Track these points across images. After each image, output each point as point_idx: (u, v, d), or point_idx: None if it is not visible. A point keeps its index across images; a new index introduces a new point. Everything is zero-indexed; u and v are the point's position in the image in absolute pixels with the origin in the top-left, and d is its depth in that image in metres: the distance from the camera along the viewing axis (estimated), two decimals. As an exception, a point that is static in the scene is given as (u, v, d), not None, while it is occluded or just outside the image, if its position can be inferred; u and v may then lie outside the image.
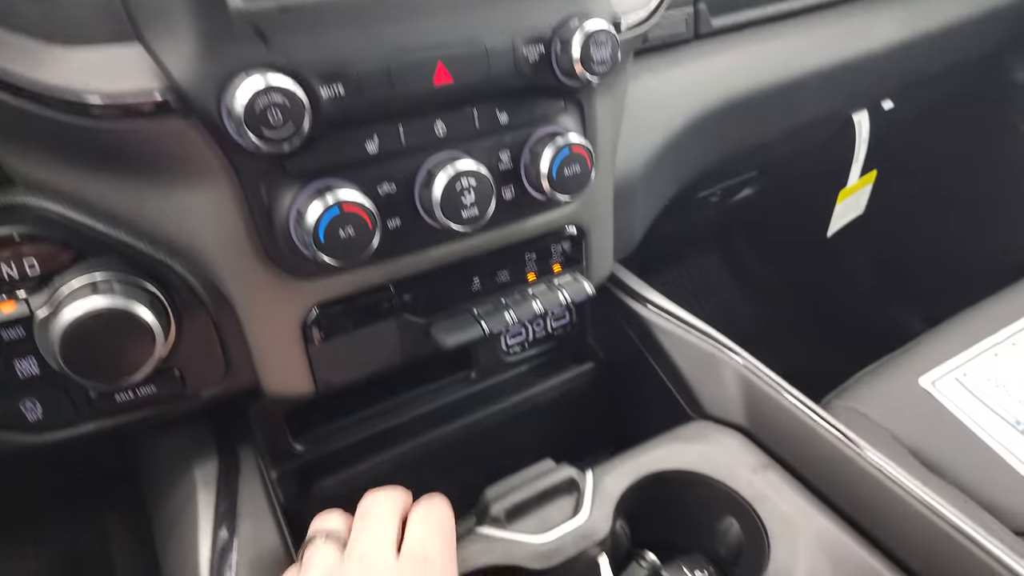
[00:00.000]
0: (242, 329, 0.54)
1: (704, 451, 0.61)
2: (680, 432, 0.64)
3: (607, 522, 0.54)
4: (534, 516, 0.55)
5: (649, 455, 0.60)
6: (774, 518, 0.55)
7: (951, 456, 0.76)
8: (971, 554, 0.52)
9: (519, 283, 0.64)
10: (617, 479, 0.58)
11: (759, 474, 0.59)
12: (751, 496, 0.57)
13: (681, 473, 0.59)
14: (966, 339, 0.89)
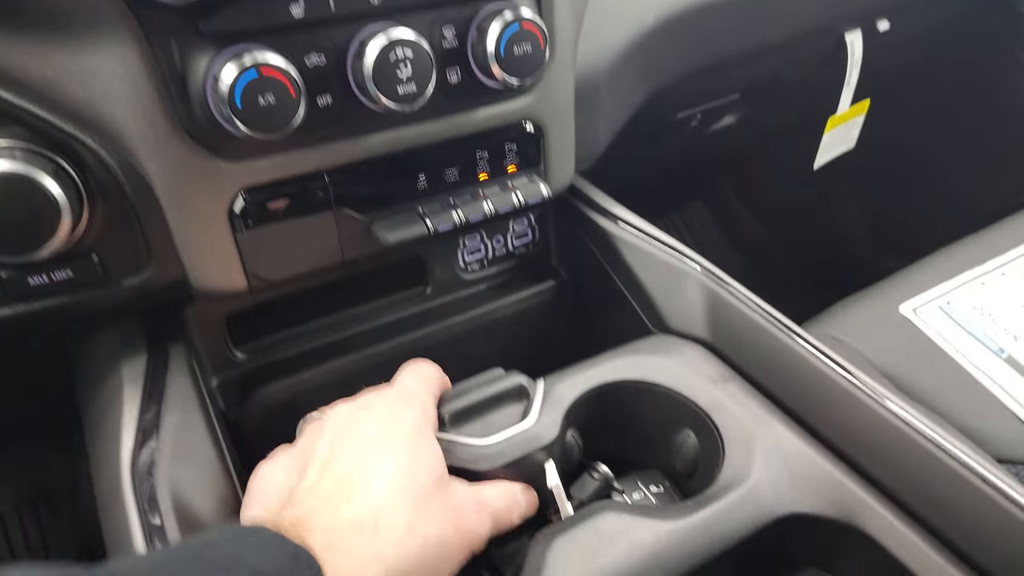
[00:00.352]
0: (164, 214, 0.50)
1: (662, 363, 0.58)
2: (638, 345, 0.61)
3: (555, 428, 0.51)
4: (480, 421, 0.53)
5: (604, 366, 0.57)
6: (731, 426, 0.52)
7: (929, 382, 0.73)
8: (949, 469, 0.49)
9: (470, 183, 0.60)
10: (569, 388, 0.55)
11: (719, 385, 0.56)
12: (709, 407, 0.54)
13: (636, 383, 0.56)
14: (953, 269, 0.85)
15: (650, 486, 0.56)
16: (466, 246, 0.73)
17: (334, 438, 0.42)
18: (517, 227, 0.75)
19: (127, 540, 0.45)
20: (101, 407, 0.55)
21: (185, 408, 0.54)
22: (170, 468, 0.49)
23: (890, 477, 0.51)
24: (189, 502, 0.49)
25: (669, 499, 0.55)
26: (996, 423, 0.70)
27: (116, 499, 0.48)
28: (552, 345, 0.78)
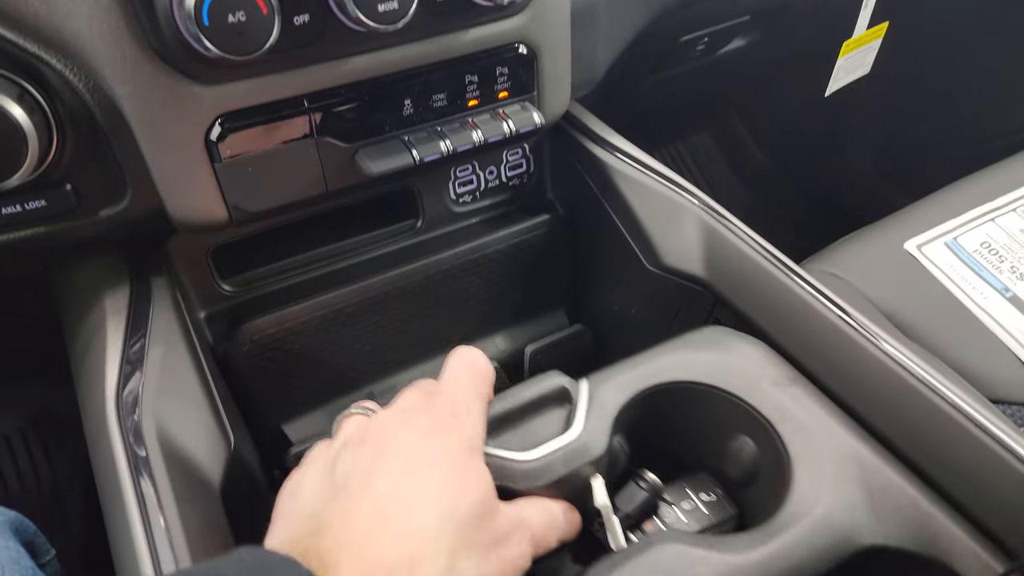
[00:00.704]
0: (137, 142, 0.48)
1: (718, 360, 0.51)
2: (690, 338, 0.54)
3: (603, 439, 0.46)
4: (519, 430, 0.47)
5: (654, 363, 0.51)
6: (799, 440, 0.46)
7: (929, 321, 0.72)
8: (939, 410, 0.48)
9: (458, 110, 0.58)
10: (617, 390, 0.49)
11: (783, 389, 0.50)
12: (773, 414, 0.48)
13: (691, 385, 0.50)
14: (962, 205, 0.82)
15: (700, 494, 0.51)
16: (457, 177, 0.70)
17: (375, 453, 0.36)
18: (511, 157, 0.72)
19: (113, 473, 0.45)
20: (85, 339, 0.55)
21: (169, 341, 0.54)
22: (155, 402, 0.49)
23: (880, 417, 0.50)
24: (175, 436, 0.49)
25: (721, 508, 0.50)
26: (994, 363, 0.69)
27: (102, 432, 0.48)
28: (546, 281, 0.77)
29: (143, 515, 0.43)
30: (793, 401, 0.48)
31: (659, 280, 0.65)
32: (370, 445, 0.37)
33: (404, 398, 0.41)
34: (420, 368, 0.73)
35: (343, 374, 0.69)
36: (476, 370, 0.42)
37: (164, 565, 0.41)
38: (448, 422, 0.38)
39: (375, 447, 0.37)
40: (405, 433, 0.37)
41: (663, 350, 0.52)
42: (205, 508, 0.47)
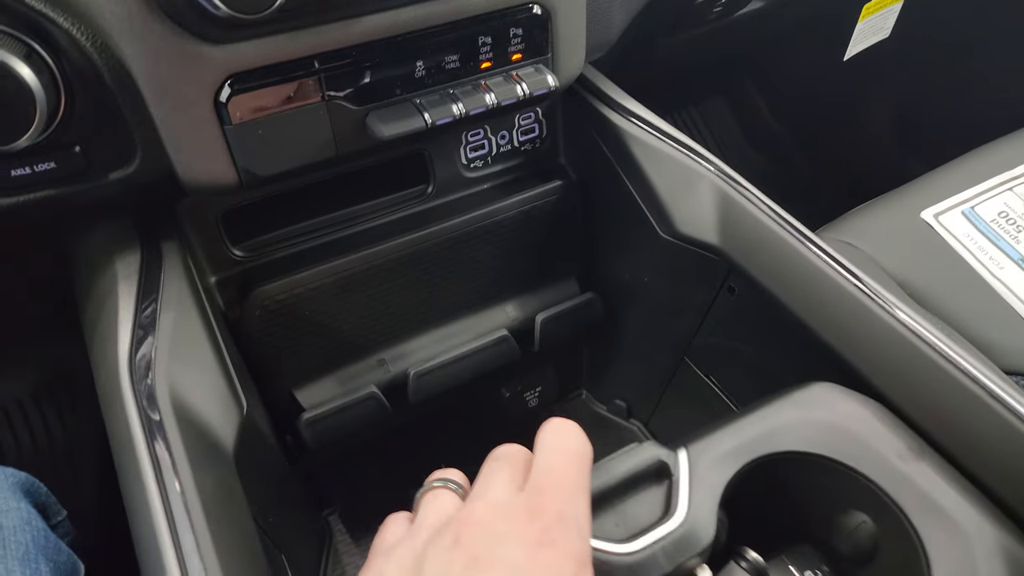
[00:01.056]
0: (146, 103, 0.48)
1: (833, 425, 0.46)
2: (798, 398, 0.48)
3: (711, 525, 0.41)
4: (613, 513, 0.42)
5: (761, 427, 0.46)
6: (936, 528, 0.41)
7: (944, 290, 0.71)
8: (953, 379, 0.48)
9: (471, 73, 0.57)
10: (722, 463, 0.43)
11: (910, 464, 0.44)
12: (901, 496, 0.43)
13: (804, 456, 0.45)
14: (981, 173, 0.81)
15: (806, 572, 0.46)
16: (469, 142, 0.69)
17: (469, 564, 0.30)
18: (523, 122, 0.71)
19: (128, 438, 0.46)
20: (97, 304, 0.55)
21: (181, 306, 0.53)
22: (168, 367, 0.49)
23: (893, 385, 0.50)
24: (188, 401, 0.49)
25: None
26: (1009, 334, 0.68)
27: (116, 397, 0.48)
28: (557, 249, 0.76)
29: (158, 479, 0.43)
30: (923, 479, 0.43)
31: (673, 248, 0.64)
32: (464, 552, 0.31)
33: (495, 484, 0.34)
34: (431, 335, 0.73)
35: (354, 340, 0.69)
36: (580, 458, 0.35)
37: (180, 528, 0.41)
38: (554, 531, 0.31)
39: (470, 556, 0.30)
40: (506, 543, 0.31)
41: (769, 411, 0.47)
42: (219, 473, 0.47)
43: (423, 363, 0.70)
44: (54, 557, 0.46)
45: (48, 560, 0.45)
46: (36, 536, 0.45)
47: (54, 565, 0.46)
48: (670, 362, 0.75)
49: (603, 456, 0.85)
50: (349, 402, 0.67)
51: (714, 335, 0.68)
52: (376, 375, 0.70)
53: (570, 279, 0.79)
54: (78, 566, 0.50)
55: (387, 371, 0.71)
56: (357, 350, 0.70)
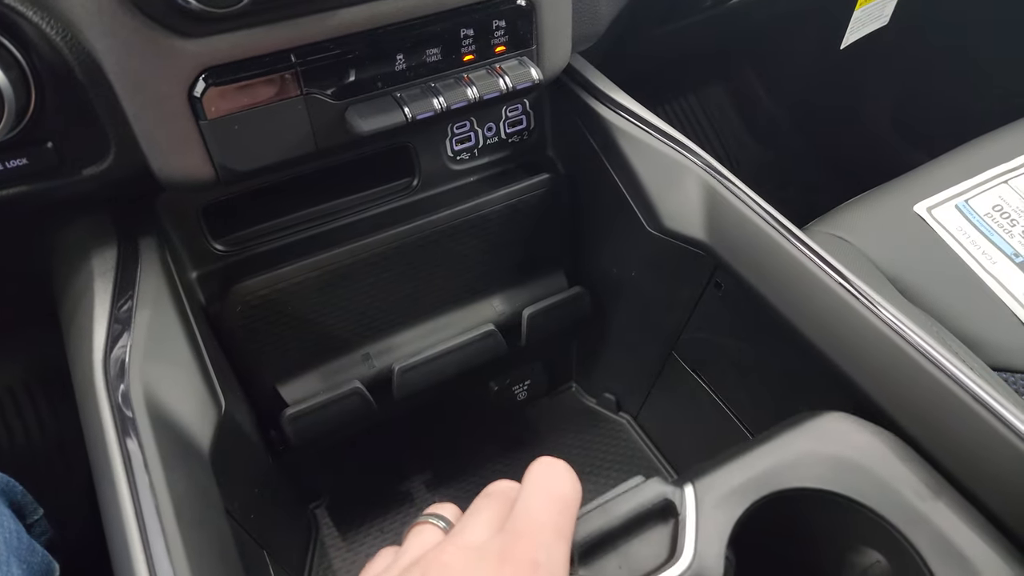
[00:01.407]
0: (118, 98, 0.47)
1: (848, 460, 0.44)
2: (809, 428, 0.46)
3: (718, 567, 0.39)
4: (616, 555, 0.40)
5: (769, 462, 0.44)
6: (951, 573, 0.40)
7: (935, 285, 0.70)
8: (936, 381, 0.47)
9: (453, 66, 0.56)
10: (729, 502, 0.42)
11: (928, 503, 0.43)
12: (919, 538, 0.41)
13: (817, 492, 0.43)
14: (976, 166, 0.80)
15: None
16: (455, 134, 0.68)
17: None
18: (510, 114, 0.70)
19: (100, 433, 0.45)
20: (73, 301, 0.54)
21: (158, 303, 0.53)
22: (143, 365, 0.49)
23: (877, 386, 0.49)
24: (163, 399, 0.48)
25: None
26: (999, 330, 0.67)
27: (90, 394, 0.47)
28: (545, 242, 0.75)
29: (129, 478, 0.43)
30: (941, 518, 0.42)
31: (659, 243, 0.64)
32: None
33: (475, 524, 0.34)
34: (416, 330, 0.73)
35: (338, 335, 0.69)
36: (563, 502, 0.34)
37: (150, 529, 0.41)
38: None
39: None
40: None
41: (780, 443, 0.45)
42: (193, 472, 0.47)
43: (408, 358, 0.70)
44: (27, 558, 0.46)
45: (21, 561, 0.45)
46: (8, 538, 0.45)
47: (27, 566, 0.46)
48: (658, 356, 0.75)
49: (594, 451, 0.85)
50: (333, 397, 0.67)
51: (701, 330, 0.68)
52: (360, 370, 0.70)
53: (558, 273, 0.78)
54: (53, 566, 0.49)
55: (371, 366, 0.70)
56: (341, 345, 0.70)
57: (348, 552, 0.78)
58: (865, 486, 0.43)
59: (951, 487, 0.44)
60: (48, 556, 0.49)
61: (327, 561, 0.77)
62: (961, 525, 0.41)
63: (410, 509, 0.80)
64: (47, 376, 1.11)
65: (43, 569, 0.48)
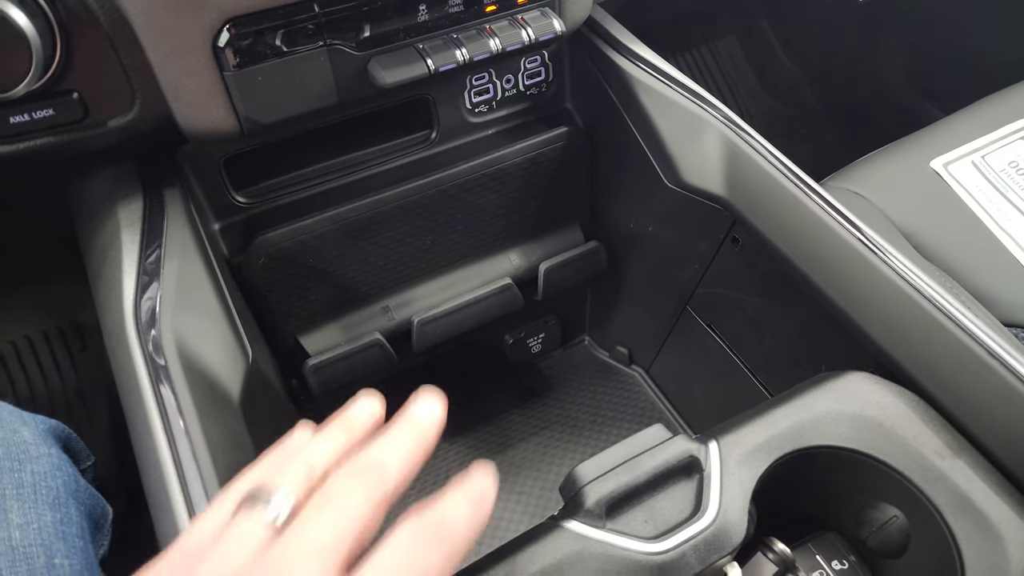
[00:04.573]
0: (143, 48, 0.47)
1: (868, 420, 0.45)
2: (832, 387, 0.47)
3: (742, 524, 0.40)
4: (642, 509, 0.41)
5: (793, 421, 0.45)
6: (974, 535, 0.41)
7: (949, 241, 0.70)
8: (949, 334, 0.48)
9: (475, 16, 0.55)
10: (752, 459, 0.43)
11: (947, 461, 0.44)
12: (937, 496, 0.42)
13: (839, 450, 0.44)
14: (993, 121, 0.79)
15: (832, 562, 0.46)
16: (474, 86, 0.68)
17: None
18: (529, 65, 0.70)
19: (134, 381, 0.47)
20: (101, 251, 0.55)
21: (184, 253, 0.54)
22: (173, 314, 0.50)
23: (897, 344, 0.50)
24: (193, 348, 0.49)
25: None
26: (1011, 286, 0.68)
27: (122, 343, 0.49)
28: (563, 196, 0.76)
29: (165, 424, 0.44)
30: (961, 477, 0.43)
31: (678, 198, 0.64)
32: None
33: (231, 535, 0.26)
34: (434, 283, 0.73)
35: (358, 288, 0.70)
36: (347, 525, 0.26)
37: (187, 468, 0.42)
38: None
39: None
40: None
41: (803, 402, 0.46)
42: (225, 420, 0.48)
43: (427, 311, 0.71)
44: (85, 501, 0.48)
45: (79, 504, 0.47)
46: (67, 481, 0.47)
47: (85, 509, 0.47)
48: (672, 311, 0.75)
49: (605, 403, 0.87)
50: (353, 349, 0.68)
51: (716, 285, 0.68)
52: (380, 322, 0.71)
53: (575, 227, 0.78)
54: (107, 510, 0.51)
55: (391, 318, 0.71)
56: (361, 297, 0.71)
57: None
58: (887, 445, 0.44)
59: (971, 446, 0.45)
60: (103, 500, 0.51)
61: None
62: (980, 483, 0.42)
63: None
64: (65, 327, 1.12)
65: (99, 512, 0.50)
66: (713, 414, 0.75)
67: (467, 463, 0.85)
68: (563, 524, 0.40)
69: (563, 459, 0.81)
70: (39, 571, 0.43)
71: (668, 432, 0.44)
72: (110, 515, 0.52)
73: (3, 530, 0.43)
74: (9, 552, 0.43)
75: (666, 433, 0.43)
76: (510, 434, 0.84)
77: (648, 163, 0.66)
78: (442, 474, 0.81)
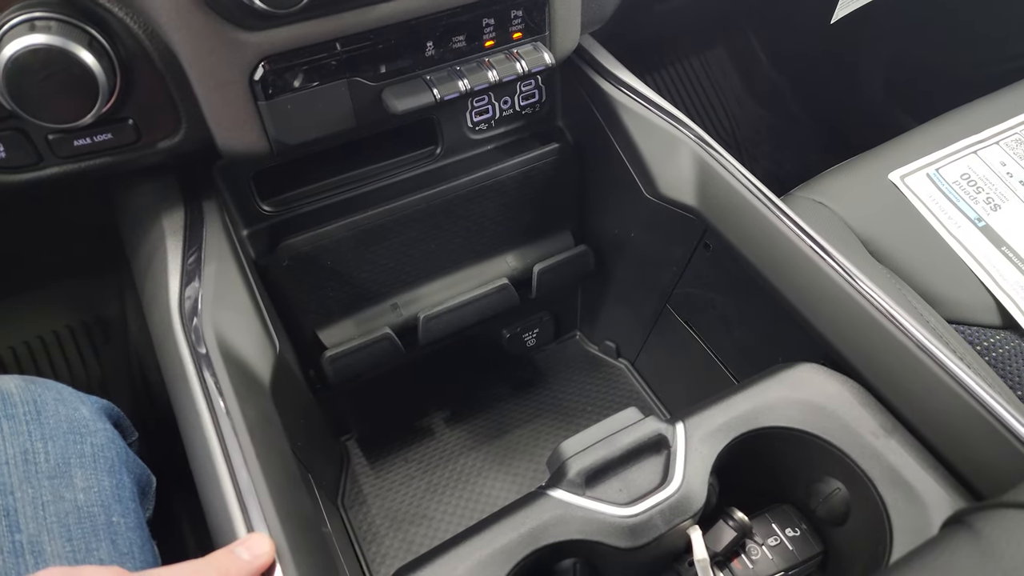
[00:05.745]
0: (191, 83, 0.54)
1: (815, 404, 0.52)
2: (785, 376, 0.54)
3: (702, 491, 0.47)
4: (617, 480, 0.47)
5: (749, 405, 0.52)
6: (901, 504, 0.47)
7: (903, 247, 0.78)
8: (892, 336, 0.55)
9: (476, 51, 0.63)
10: (714, 437, 0.49)
11: (880, 440, 0.50)
12: (872, 470, 0.49)
13: (788, 431, 0.51)
14: (949, 136, 0.87)
15: (786, 529, 0.53)
16: (474, 107, 0.76)
17: None
18: (524, 88, 0.77)
19: (180, 369, 0.54)
20: (148, 253, 0.62)
21: (221, 257, 0.61)
22: (212, 310, 0.57)
23: (842, 340, 0.58)
24: (230, 339, 0.57)
25: (807, 545, 0.52)
26: (958, 287, 0.75)
27: (168, 334, 0.56)
28: (554, 205, 0.83)
29: (209, 404, 0.51)
30: (892, 454, 0.49)
31: (655, 207, 0.72)
32: None
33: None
34: (438, 283, 0.81)
35: (370, 287, 0.78)
36: None
37: (229, 443, 0.49)
38: None
39: None
40: None
41: (759, 389, 0.52)
42: (259, 403, 0.56)
43: (432, 308, 0.79)
44: (134, 470, 0.55)
45: (130, 472, 0.54)
46: (120, 452, 0.54)
47: (134, 477, 0.55)
48: (654, 309, 0.83)
49: (594, 393, 0.95)
50: (366, 342, 0.76)
51: (692, 286, 0.76)
52: (390, 318, 0.79)
53: (565, 232, 0.86)
54: (151, 479, 0.59)
55: (400, 315, 0.79)
56: (373, 296, 0.79)
57: (376, 479, 0.88)
58: (830, 426, 0.50)
59: (903, 427, 0.52)
60: (148, 470, 0.58)
61: (357, 486, 0.87)
62: (909, 459, 0.49)
63: (430, 442, 0.90)
64: (88, 322, 1.20)
65: (145, 480, 0.57)
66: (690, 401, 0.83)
67: (467, 446, 0.93)
68: (549, 492, 0.48)
69: (555, 443, 0.89)
70: (100, 528, 0.51)
71: (641, 414, 0.51)
72: (154, 483, 0.60)
73: (70, 492, 0.51)
74: (76, 511, 0.50)
75: (639, 415, 0.51)
76: (506, 421, 0.92)
77: (629, 176, 0.73)
78: (445, 457, 0.89)
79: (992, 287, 0.75)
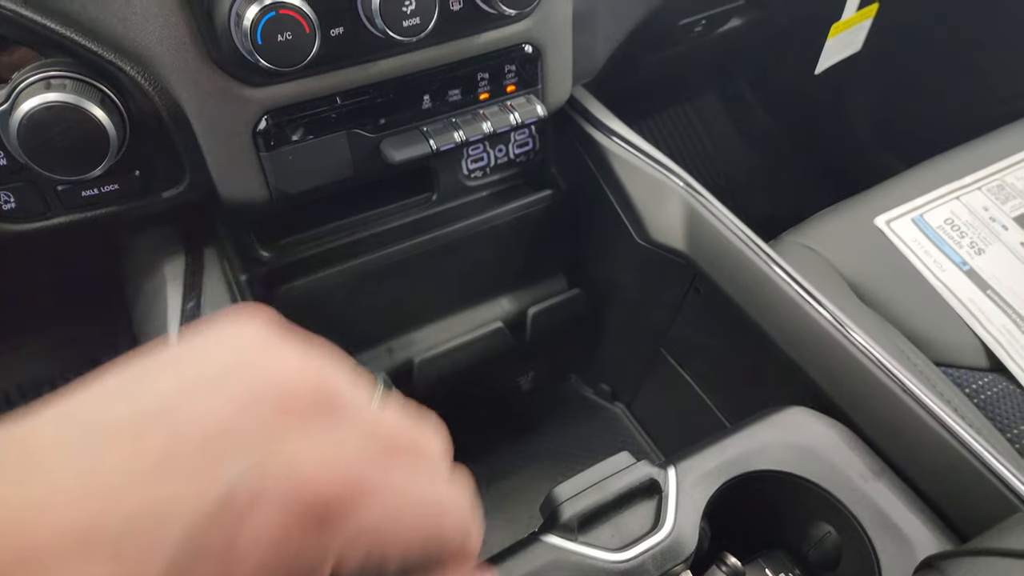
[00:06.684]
0: (195, 136, 0.56)
1: (804, 447, 0.53)
2: (775, 420, 0.55)
3: (694, 536, 0.47)
4: (610, 524, 0.48)
5: (740, 449, 0.52)
6: (887, 541, 0.48)
7: (890, 290, 0.80)
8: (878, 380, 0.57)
9: (471, 103, 0.65)
10: (705, 481, 0.50)
11: (869, 483, 0.51)
12: (861, 513, 0.49)
13: (779, 474, 0.52)
14: (932, 182, 0.89)
15: (780, 575, 0.53)
16: (470, 155, 0.78)
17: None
18: (518, 137, 0.80)
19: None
20: (148, 299, 0.64)
21: (219, 303, 0.63)
22: None
23: (831, 384, 0.59)
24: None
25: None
26: (945, 330, 0.77)
27: None
28: (548, 250, 0.85)
29: None
30: (880, 497, 0.50)
31: (646, 252, 0.73)
32: None
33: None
34: (434, 326, 0.83)
35: (366, 330, 0.79)
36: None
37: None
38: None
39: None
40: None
41: (749, 432, 0.53)
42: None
43: (427, 351, 0.80)
44: None
45: None
46: None
47: None
48: (648, 352, 0.84)
49: (590, 438, 0.95)
50: (362, 385, 0.77)
51: (685, 329, 0.78)
52: (385, 361, 0.80)
53: (558, 276, 0.88)
54: None
55: (394, 358, 0.80)
56: (368, 339, 0.80)
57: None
58: (819, 469, 0.51)
59: (890, 470, 0.53)
60: None
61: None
62: (897, 502, 0.50)
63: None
64: (83, 370, 1.20)
65: None
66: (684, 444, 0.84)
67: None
68: (541, 538, 0.48)
69: (549, 488, 0.89)
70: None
71: (633, 458, 0.52)
72: None
73: None
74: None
75: (631, 459, 0.52)
76: (501, 465, 0.92)
77: (621, 222, 0.75)
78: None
79: (979, 330, 0.76)
